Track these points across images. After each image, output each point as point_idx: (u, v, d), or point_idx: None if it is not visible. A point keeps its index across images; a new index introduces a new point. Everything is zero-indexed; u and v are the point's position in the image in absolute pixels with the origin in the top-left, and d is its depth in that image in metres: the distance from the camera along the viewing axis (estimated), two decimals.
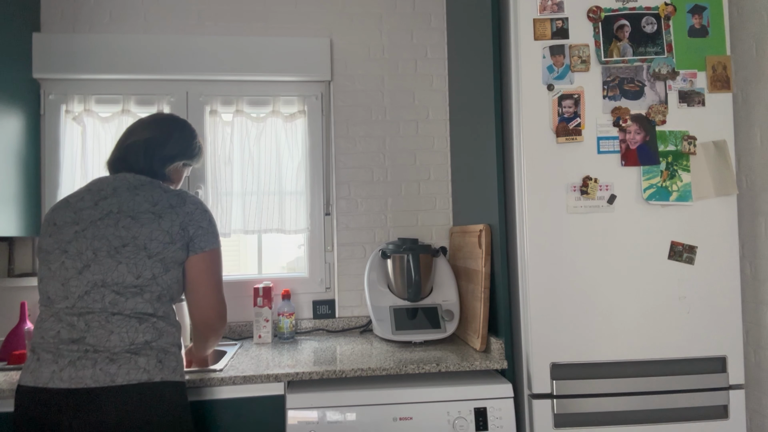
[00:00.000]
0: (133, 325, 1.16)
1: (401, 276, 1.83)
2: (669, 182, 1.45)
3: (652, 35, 1.47)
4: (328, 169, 2.16)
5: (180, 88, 2.09)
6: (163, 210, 1.24)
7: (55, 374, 1.11)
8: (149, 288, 1.19)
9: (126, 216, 1.21)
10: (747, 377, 1.58)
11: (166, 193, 1.27)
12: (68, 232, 1.20)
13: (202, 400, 1.43)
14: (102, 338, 1.14)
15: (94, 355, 1.13)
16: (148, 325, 1.18)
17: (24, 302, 1.77)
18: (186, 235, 1.25)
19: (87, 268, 1.16)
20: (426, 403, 1.44)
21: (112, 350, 1.13)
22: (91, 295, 1.15)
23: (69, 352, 1.13)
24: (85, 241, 1.18)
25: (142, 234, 1.20)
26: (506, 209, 1.57)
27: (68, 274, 1.16)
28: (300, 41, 2.09)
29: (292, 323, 1.93)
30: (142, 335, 1.16)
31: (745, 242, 1.59)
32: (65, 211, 1.23)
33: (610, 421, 1.42)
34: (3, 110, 1.77)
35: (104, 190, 1.26)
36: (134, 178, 1.29)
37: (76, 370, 1.11)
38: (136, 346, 1.15)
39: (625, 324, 1.43)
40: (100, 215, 1.21)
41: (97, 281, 1.16)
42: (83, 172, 1.98)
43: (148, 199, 1.25)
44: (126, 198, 1.24)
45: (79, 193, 1.27)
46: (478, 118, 1.73)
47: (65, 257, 1.18)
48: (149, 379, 1.14)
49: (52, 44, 1.98)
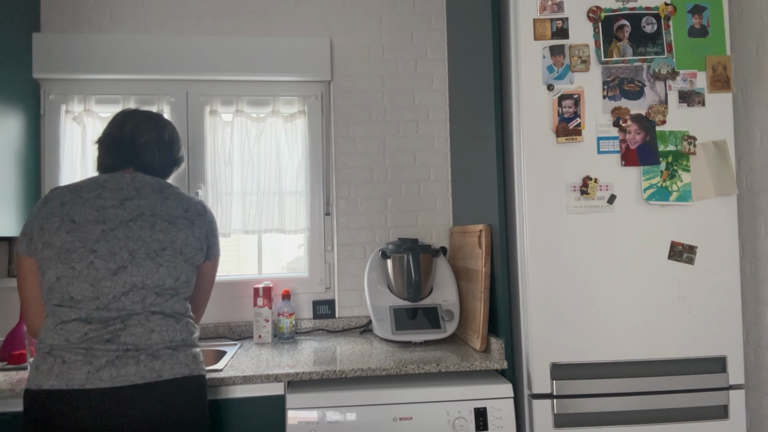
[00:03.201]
0: (171, 325, 1.21)
1: (401, 276, 1.83)
2: (669, 182, 1.45)
3: (652, 35, 1.47)
4: (328, 169, 2.16)
5: (180, 88, 2.09)
6: (194, 217, 1.30)
7: (91, 375, 1.11)
8: (182, 290, 1.25)
9: (162, 220, 1.24)
10: (747, 377, 1.58)
11: (191, 200, 1.33)
12: (93, 230, 1.18)
13: None
14: (142, 337, 1.16)
15: (135, 353, 1.15)
16: (183, 324, 1.24)
17: None
18: (207, 242, 1.33)
19: (123, 270, 1.17)
20: (426, 403, 1.44)
21: (153, 348, 1.17)
22: (130, 296, 1.17)
23: (105, 352, 1.13)
24: (118, 242, 1.18)
25: (179, 239, 1.24)
26: (506, 209, 1.57)
27: (99, 274, 1.16)
28: (300, 41, 2.09)
29: (292, 323, 1.93)
30: (179, 334, 1.22)
31: (745, 242, 1.59)
32: (83, 208, 1.20)
33: (610, 421, 1.42)
34: (3, 110, 1.77)
35: (125, 189, 1.25)
36: (154, 180, 1.30)
37: (118, 369, 1.12)
38: (175, 343, 1.21)
39: (625, 324, 1.43)
40: (131, 216, 1.21)
41: (136, 283, 1.18)
42: (83, 172, 1.98)
43: (180, 204, 1.29)
44: (156, 200, 1.25)
45: (89, 188, 1.24)
46: (478, 118, 1.73)
47: (94, 257, 1.16)
48: (190, 373, 1.20)
49: (52, 44, 1.98)
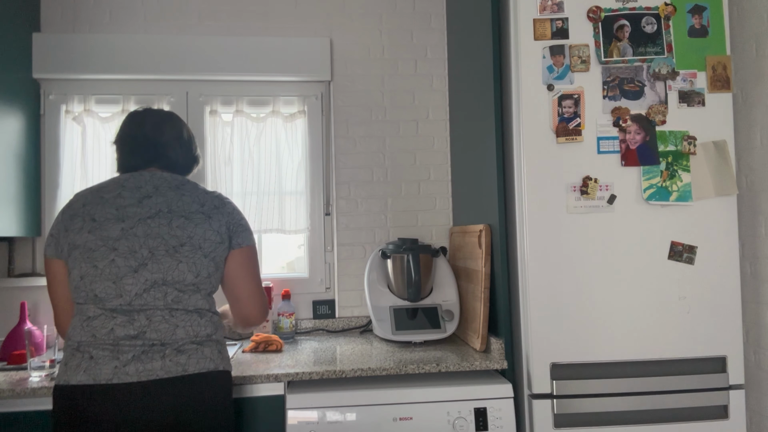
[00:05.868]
0: (195, 320, 1.21)
1: (401, 276, 1.83)
2: (669, 182, 1.45)
3: (652, 35, 1.47)
4: (328, 169, 2.16)
5: (180, 88, 2.09)
6: (210, 211, 1.28)
7: (118, 369, 1.12)
8: (204, 286, 1.25)
9: (178, 216, 1.23)
10: (747, 377, 1.58)
11: (207, 194, 1.31)
12: (113, 228, 1.19)
13: None
14: (167, 332, 1.17)
15: (161, 348, 1.16)
16: (207, 320, 1.24)
17: (24, 302, 1.77)
18: (229, 233, 1.30)
19: (144, 267, 1.18)
20: (426, 403, 1.44)
21: (178, 342, 1.17)
22: (151, 293, 1.18)
23: (131, 348, 1.14)
24: (137, 240, 1.19)
25: (197, 234, 1.23)
26: (506, 209, 1.57)
27: (120, 272, 1.17)
28: (300, 41, 2.09)
29: (292, 323, 1.93)
30: (203, 329, 1.22)
31: (745, 242, 1.59)
32: (103, 207, 1.22)
33: (610, 421, 1.42)
34: (3, 110, 1.77)
35: (143, 187, 1.25)
36: (172, 177, 1.30)
37: (144, 364, 1.13)
38: (200, 338, 1.21)
39: (625, 324, 1.43)
40: (149, 213, 1.22)
41: (157, 279, 1.18)
42: (83, 172, 1.98)
43: (196, 199, 1.28)
44: (172, 197, 1.25)
45: (109, 188, 1.25)
46: (478, 118, 1.73)
47: (115, 255, 1.17)
48: (215, 368, 1.21)
49: (52, 44, 1.98)
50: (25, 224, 1.87)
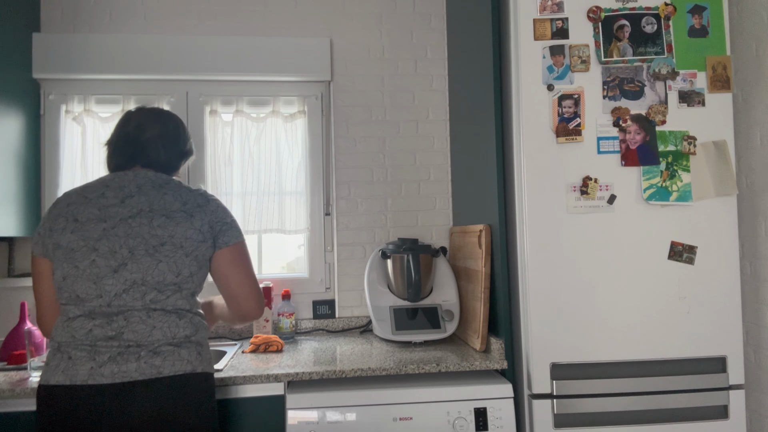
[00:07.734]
0: (174, 321, 1.19)
1: (401, 276, 1.83)
2: (669, 182, 1.45)
3: (652, 35, 1.47)
4: (328, 169, 2.16)
5: (180, 88, 2.09)
6: (193, 209, 1.26)
7: (93, 371, 1.11)
8: (186, 285, 1.23)
9: (159, 215, 1.22)
10: (747, 377, 1.58)
11: (191, 192, 1.29)
12: (95, 229, 1.19)
13: None
14: (144, 333, 1.15)
15: (136, 350, 1.14)
16: (187, 321, 1.21)
17: (24, 302, 1.77)
18: (213, 232, 1.28)
19: (123, 267, 1.17)
20: (426, 403, 1.44)
21: (155, 344, 1.16)
22: (130, 293, 1.17)
23: (107, 349, 1.13)
24: (118, 240, 1.18)
25: (178, 233, 1.22)
26: (506, 209, 1.57)
27: (101, 272, 1.16)
28: (300, 41, 2.09)
29: (292, 323, 1.93)
30: (182, 330, 1.20)
31: (745, 242, 1.59)
32: (86, 207, 1.21)
33: (610, 421, 1.42)
34: (3, 110, 1.77)
35: (127, 187, 1.25)
36: (156, 176, 1.29)
37: (119, 365, 1.12)
38: (177, 339, 1.19)
39: (625, 324, 1.43)
40: (130, 213, 1.21)
41: (136, 279, 1.17)
42: (83, 172, 1.98)
43: (178, 198, 1.26)
44: (154, 196, 1.24)
45: (94, 188, 1.25)
46: (478, 118, 1.73)
47: (96, 255, 1.17)
48: (193, 370, 1.18)
49: (52, 44, 1.98)
50: (25, 224, 1.87)
